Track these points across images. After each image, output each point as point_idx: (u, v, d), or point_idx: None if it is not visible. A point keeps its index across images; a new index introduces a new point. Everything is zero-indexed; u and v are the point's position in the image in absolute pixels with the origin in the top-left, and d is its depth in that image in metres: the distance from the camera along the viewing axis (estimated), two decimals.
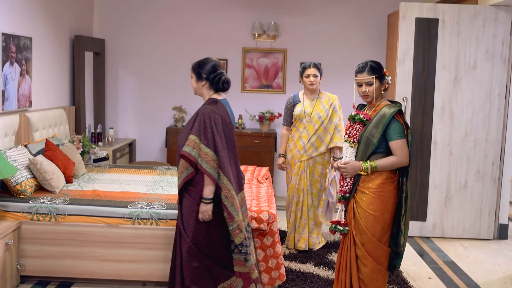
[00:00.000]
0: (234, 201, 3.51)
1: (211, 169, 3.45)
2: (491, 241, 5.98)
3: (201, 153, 3.44)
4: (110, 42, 7.63)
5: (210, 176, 3.45)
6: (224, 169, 3.48)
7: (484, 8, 5.78)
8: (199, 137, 3.46)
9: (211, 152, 3.46)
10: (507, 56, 5.83)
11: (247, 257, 3.60)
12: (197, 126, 3.48)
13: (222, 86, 3.67)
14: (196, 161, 3.44)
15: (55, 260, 4.30)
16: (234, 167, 3.65)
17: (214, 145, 3.47)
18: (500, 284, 4.79)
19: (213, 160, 3.46)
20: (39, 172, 4.66)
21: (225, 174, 3.48)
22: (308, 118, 5.25)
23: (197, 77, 3.65)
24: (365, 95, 3.56)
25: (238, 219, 3.52)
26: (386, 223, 3.54)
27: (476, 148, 5.92)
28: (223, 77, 3.66)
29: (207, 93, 3.69)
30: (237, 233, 3.54)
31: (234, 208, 3.50)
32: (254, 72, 7.70)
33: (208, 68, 3.63)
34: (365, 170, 3.49)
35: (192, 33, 7.63)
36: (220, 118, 3.56)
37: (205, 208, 3.51)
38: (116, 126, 7.75)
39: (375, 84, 3.53)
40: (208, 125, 3.48)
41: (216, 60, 3.71)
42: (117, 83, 7.74)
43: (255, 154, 7.35)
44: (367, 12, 7.56)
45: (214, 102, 3.62)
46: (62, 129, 6.08)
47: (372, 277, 3.57)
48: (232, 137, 3.68)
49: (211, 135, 3.47)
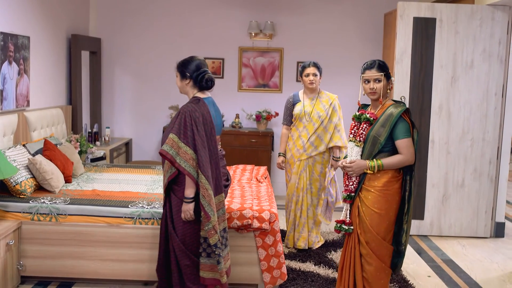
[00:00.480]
0: (211, 201, 3.49)
1: (190, 167, 3.47)
2: (488, 239, 6.01)
3: (180, 151, 3.46)
4: (106, 41, 7.60)
5: (189, 175, 3.47)
6: (202, 168, 3.48)
7: (481, 8, 5.81)
8: (179, 136, 3.48)
9: (191, 150, 3.47)
10: (504, 56, 5.87)
11: (220, 260, 3.57)
12: (177, 125, 3.51)
13: (206, 84, 3.69)
14: (173, 159, 3.46)
15: (55, 260, 4.28)
16: (214, 168, 3.63)
17: (193, 144, 3.48)
18: (498, 282, 4.83)
19: (192, 159, 3.47)
20: (39, 172, 4.63)
21: (203, 173, 3.47)
22: (308, 117, 5.26)
23: (181, 76, 3.70)
24: (373, 92, 3.57)
25: (214, 219, 3.50)
26: (390, 221, 3.56)
27: (473, 147, 5.96)
28: (206, 75, 3.68)
29: (191, 92, 3.72)
30: (212, 233, 3.52)
31: (211, 208, 3.49)
32: (250, 71, 7.70)
33: (192, 67, 3.66)
34: (371, 169, 3.51)
35: (189, 32, 7.61)
36: (202, 117, 3.55)
37: (186, 208, 3.54)
38: (112, 125, 7.72)
39: (383, 82, 3.55)
40: (189, 123, 3.49)
41: (200, 59, 3.73)
42: (113, 82, 7.72)
43: (252, 153, 7.35)
44: (364, 11, 7.58)
45: (196, 101, 3.63)
46: (60, 128, 6.05)
47: (376, 276, 3.59)
48: (213, 137, 3.64)
49: (191, 133, 3.48)
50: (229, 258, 3.82)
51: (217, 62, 7.67)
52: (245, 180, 5.39)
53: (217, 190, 3.67)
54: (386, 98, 3.65)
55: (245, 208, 4.23)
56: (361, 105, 3.84)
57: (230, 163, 7.16)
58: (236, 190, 4.94)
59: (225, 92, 7.68)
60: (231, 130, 7.41)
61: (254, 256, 4.27)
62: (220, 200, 3.70)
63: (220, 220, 3.69)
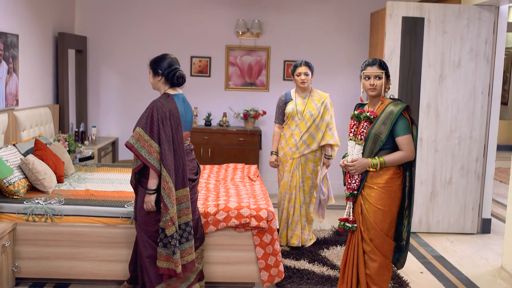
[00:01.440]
0: (171, 193, 3.61)
1: (153, 160, 3.59)
2: (475, 235, 6.12)
3: (146, 144, 3.60)
4: (92, 39, 7.52)
5: (152, 167, 3.60)
6: (164, 161, 3.60)
7: (468, 8, 5.91)
8: (145, 129, 3.61)
9: (155, 144, 3.61)
10: (490, 55, 5.98)
11: (175, 250, 3.65)
12: (144, 119, 3.64)
13: (177, 81, 3.80)
14: (137, 152, 3.59)
15: (51, 261, 4.23)
16: (181, 162, 3.72)
17: (158, 138, 3.61)
18: (489, 277, 4.92)
19: (156, 152, 3.60)
20: (31, 172, 4.57)
21: (165, 166, 3.60)
22: (300, 116, 5.29)
23: (154, 73, 3.82)
24: (373, 88, 3.63)
25: (172, 211, 3.61)
26: (393, 217, 3.63)
27: (461, 144, 6.05)
28: (177, 72, 3.79)
29: (163, 88, 3.85)
30: (169, 225, 3.62)
31: (170, 200, 3.60)
32: (237, 70, 7.70)
33: (164, 65, 3.78)
34: (374, 166, 3.55)
35: (176, 31, 7.58)
36: (168, 112, 3.67)
37: (147, 199, 3.68)
38: (98, 124, 7.65)
39: (383, 79, 3.61)
40: (155, 118, 3.61)
41: (172, 56, 3.86)
42: (99, 81, 7.64)
43: (240, 152, 7.35)
44: (350, 11, 7.64)
45: (165, 96, 3.76)
46: (48, 128, 5.98)
47: (380, 272, 3.64)
48: (179, 132, 3.73)
49: (156, 127, 3.61)
50: (192, 252, 3.82)
51: (204, 61, 7.65)
52: (238, 179, 5.40)
53: (181, 184, 3.74)
54: (384, 97, 3.71)
55: (243, 207, 4.24)
56: (357, 104, 3.88)
57: (218, 162, 7.17)
58: (231, 189, 4.95)
59: (212, 91, 7.67)
60: (218, 129, 7.41)
61: (251, 254, 4.28)
62: (184, 193, 3.77)
63: (183, 213, 3.75)
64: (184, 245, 3.76)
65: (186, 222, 3.77)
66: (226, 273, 4.31)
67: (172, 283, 3.85)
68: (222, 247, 4.27)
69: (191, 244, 3.81)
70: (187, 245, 3.78)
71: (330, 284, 4.53)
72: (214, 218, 4.21)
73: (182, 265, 3.75)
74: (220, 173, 5.76)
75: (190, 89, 7.49)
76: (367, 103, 3.81)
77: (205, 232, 4.20)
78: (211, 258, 4.27)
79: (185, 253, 3.77)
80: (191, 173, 3.93)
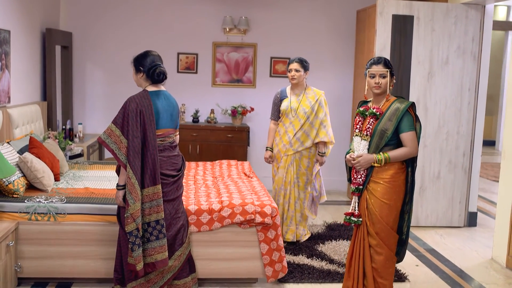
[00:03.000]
0: (133, 189, 3.62)
1: (122, 156, 3.65)
2: (462, 229, 6.29)
3: (117, 140, 3.65)
4: (78, 35, 7.42)
5: (121, 162, 3.67)
6: (129, 157, 3.63)
7: (456, 6, 6.04)
8: (117, 125, 3.68)
9: (125, 139, 3.65)
10: (477, 53, 6.13)
11: (133, 248, 3.64)
12: (117, 114, 3.71)
13: (158, 78, 3.82)
14: (108, 147, 3.67)
15: (54, 260, 4.18)
16: (152, 159, 3.69)
17: (127, 134, 3.65)
18: (481, 269, 5.07)
19: (126, 148, 3.65)
20: (30, 171, 4.51)
21: (129, 163, 3.63)
22: (294, 113, 5.33)
23: (136, 70, 3.87)
24: (377, 86, 3.71)
25: (133, 208, 3.61)
26: (398, 211, 3.73)
27: (448, 140, 6.20)
28: (158, 69, 3.80)
29: (144, 85, 3.88)
30: (129, 221, 3.62)
31: (131, 196, 3.62)
32: (224, 67, 7.70)
33: (145, 62, 3.81)
34: (379, 162, 3.63)
35: (162, 27, 7.54)
36: (140, 108, 3.68)
37: (117, 194, 3.76)
38: (84, 121, 7.56)
39: (388, 78, 3.68)
40: (126, 114, 3.67)
41: (154, 53, 3.89)
42: (85, 77, 7.55)
43: (228, 148, 7.36)
44: (336, 8, 7.71)
45: (142, 92, 3.79)
46: (38, 125, 5.89)
47: (386, 265, 3.73)
48: (153, 129, 3.72)
49: (126, 123, 3.66)
50: (163, 252, 3.75)
51: (191, 57, 7.63)
52: (235, 176, 5.42)
53: (151, 182, 3.70)
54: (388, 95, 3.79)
55: (247, 204, 4.27)
56: (361, 102, 3.95)
57: (206, 158, 7.18)
58: (230, 185, 4.97)
59: (199, 87, 7.65)
60: (207, 126, 7.40)
61: (255, 250, 4.31)
62: (155, 191, 3.72)
63: (153, 211, 3.71)
64: (153, 243, 3.71)
65: (156, 220, 3.72)
66: (230, 269, 4.33)
67: (144, 283, 3.82)
68: (226, 244, 4.29)
69: (162, 243, 3.74)
70: (156, 243, 3.72)
71: (332, 279, 4.60)
72: (219, 215, 4.23)
73: (151, 263, 3.71)
74: (215, 169, 5.77)
75: (177, 86, 7.48)
76: (370, 100, 3.88)
77: (210, 229, 4.22)
78: (216, 255, 4.29)
79: (154, 252, 3.71)
80: (172, 169, 3.89)
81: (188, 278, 4.03)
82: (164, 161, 3.79)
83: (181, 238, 3.92)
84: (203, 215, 4.21)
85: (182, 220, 3.95)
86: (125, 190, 3.70)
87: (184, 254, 3.96)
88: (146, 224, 3.69)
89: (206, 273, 4.31)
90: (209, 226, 4.23)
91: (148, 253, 3.70)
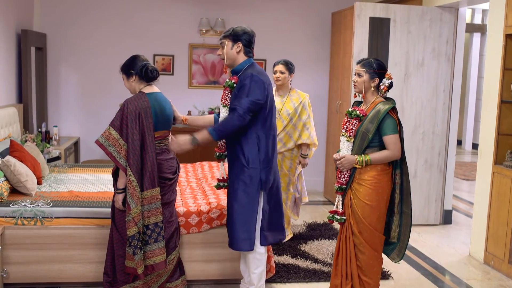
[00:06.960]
0: (134, 193, 3.61)
1: (122, 159, 3.62)
2: (438, 226, 6.44)
3: (116, 143, 3.61)
4: (52, 37, 7.31)
5: (120, 166, 3.62)
6: (129, 160, 3.61)
7: (431, 9, 6.19)
8: (115, 128, 3.63)
9: (124, 142, 3.62)
10: (451, 54, 6.30)
11: (135, 251, 3.65)
12: (115, 117, 3.66)
13: (152, 75, 3.78)
14: (106, 150, 3.62)
15: (41, 265, 4.13)
16: (149, 161, 3.69)
17: (126, 137, 3.62)
18: (461, 265, 5.21)
19: (125, 151, 3.62)
20: (13, 174, 4.43)
21: (130, 166, 3.60)
22: (277, 114, 5.37)
23: (127, 75, 3.81)
24: (354, 85, 3.83)
25: (134, 212, 3.61)
26: (381, 212, 3.78)
27: (424, 140, 6.34)
28: (149, 66, 3.77)
29: (138, 87, 3.82)
30: (130, 225, 3.62)
31: (133, 200, 3.61)
32: (201, 68, 7.70)
33: (134, 64, 3.77)
34: (360, 164, 3.71)
35: (138, 29, 7.49)
36: (139, 111, 3.65)
37: (116, 198, 3.72)
38: (59, 124, 7.45)
39: (364, 77, 3.75)
40: (124, 116, 3.62)
41: (141, 56, 3.85)
42: (59, 79, 7.44)
43: (206, 150, 7.35)
44: (311, 10, 7.80)
45: (139, 94, 3.74)
46: (15, 128, 5.79)
47: (369, 263, 3.81)
48: (151, 131, 3.70)
49: (125, 126, 3.62)
50: (162, 254, 3.77)
51: (167, 59, 7.60)
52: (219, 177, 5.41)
53: (150, 184, 3.70)
54: (376, 96, 3.83)
55: None
56: (355, 101, 4.02)
57: (184, 160, 7.13)
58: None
59: (175, 89, 7.63)
60: (184, 127, 7.34)
61: None
62: (154, 193, 3.73)
63: (152, 213, 3.72)
64: (152, 245, 3.73)
65: (155, 223, 3.73)
66: (219, 270, 4.35)
67: (138, 286, 3.85)
68: (215, 245, 4.31)
69: (161, 245, 3.76)
70: (155, 246, 3.74)
71: (318, 278, 4.66)
72: (208, 216, 4.24)
73: (149, 265, 3.72)
74: (197, 171, 5.77)
75: None
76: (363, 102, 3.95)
77: (199, 230, 4.22)
78: (205, 256, 4.30)
79: (153, 254, 3.73)
80: (168, 172, 3.91)
81: (179, 280, 4.04)
82: (161, 164, 3.79)
83: (174, 242, 3.93)
84: (191, 216, 4.22)
85: (176, 224, 3.95)
86: (125, 194, 3.66)
87: (176, 257, 3.97)
88: (145, 227, 3.68)
89: (195, 275, 4.32)
90: (198, 228, 4.24)
91: (147, 256, 3.70)
